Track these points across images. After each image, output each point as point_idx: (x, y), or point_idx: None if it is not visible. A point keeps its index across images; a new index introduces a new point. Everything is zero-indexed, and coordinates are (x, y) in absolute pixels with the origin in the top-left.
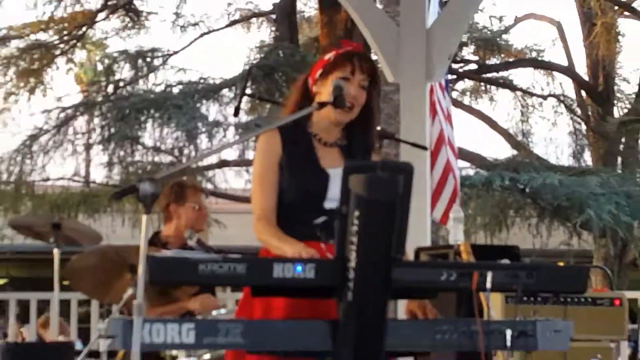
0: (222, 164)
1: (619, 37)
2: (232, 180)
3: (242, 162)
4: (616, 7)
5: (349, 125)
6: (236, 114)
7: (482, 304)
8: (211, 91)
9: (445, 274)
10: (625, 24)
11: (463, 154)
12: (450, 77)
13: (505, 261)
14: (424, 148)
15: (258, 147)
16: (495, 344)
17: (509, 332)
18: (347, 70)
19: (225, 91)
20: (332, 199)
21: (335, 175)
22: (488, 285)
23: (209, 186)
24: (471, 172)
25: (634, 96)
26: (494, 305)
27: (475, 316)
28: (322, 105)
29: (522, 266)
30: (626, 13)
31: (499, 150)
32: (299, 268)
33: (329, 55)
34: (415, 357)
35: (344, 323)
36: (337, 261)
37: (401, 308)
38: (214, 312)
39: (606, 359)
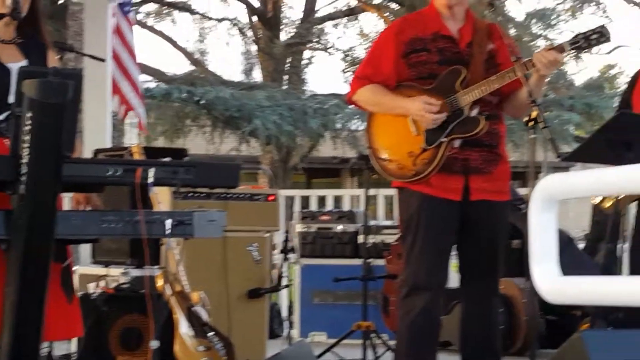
0: None
1: None
2: None
3: None
4: None
5: (21, 25)
6: None
7: (152, 199)
8: None
9: (112, 170)
10: None
11: (146, 69)
12: (135, 0)
13: (168, 159)
14: (102, 60)
15: None
16: (156, 231)
17: (168, 222)
18: None
19: None
20: None
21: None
22: (150, 180)
23: None
24: (153, 85)
25: (299, 22)
26: (163, 201)
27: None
28: (1, 16)
29: (181, 163)
30: None
31: (179, 66)
32: None
33: None
34: (92, 244)
35: (17, 214)
36: (11, 157)
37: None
38: None
39: (262, 247)
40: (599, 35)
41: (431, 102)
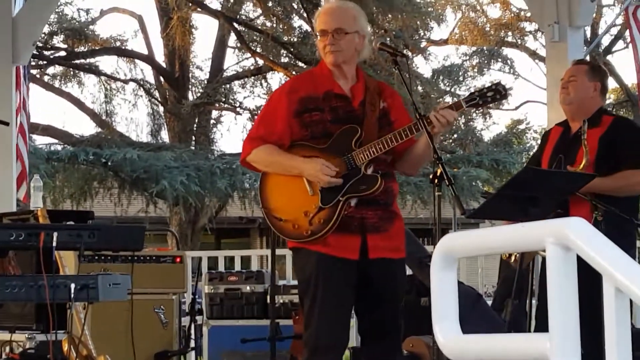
0: None
1: (193, 30)
2: None
3: None
4: (190, 4)
5: None
6: None
7: (58, 262)
8: None
9: (15, 234)
10: (198, 19)
11: (52, 131)
12: (41, 62)
13: (71, 223)
14: (6, 124)
15: None
16: (61, 296)
17: (72, 286)
18: None
19: None
20: None
21: None
22: (54, 243)
23: None
24: (59, 147)
25: (206, 82)
26: (69, 264)
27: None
28: None
29: (84, 227)
30: (199, 9)
31: (85, 128)
32: None
33: None
34: None
35: None
36: None
37: None
38: None
39: (168, 309)
40: (494, 92)
41: (329, 165)
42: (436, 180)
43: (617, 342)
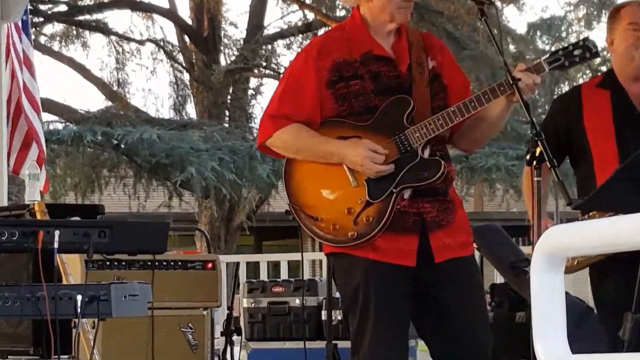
0: None
1: None
2: None
3: None
4: None
5: None
6: None
7: (60, 269)
8: None
9: (7, 233)
10: None
11: (50, 106)
12: (37, 19)
13: (77, 219)
14: None
15: None
16: (64, 310)
17: (79, 298)
18: None
19: None
20: None
21: None
22: (56, 245)
23: None
24: (60, 126)
25: (242, 42)
26: (73, 271)
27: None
28: None
29: (93, 223)
30: None
31: (92, 101)
32: None
33: None
34: None
35: None
36: None
37: None
38: None
39: (198, 328)
40: (583, 50)
41: (377, 150)
42: (535, 163)
43: None
